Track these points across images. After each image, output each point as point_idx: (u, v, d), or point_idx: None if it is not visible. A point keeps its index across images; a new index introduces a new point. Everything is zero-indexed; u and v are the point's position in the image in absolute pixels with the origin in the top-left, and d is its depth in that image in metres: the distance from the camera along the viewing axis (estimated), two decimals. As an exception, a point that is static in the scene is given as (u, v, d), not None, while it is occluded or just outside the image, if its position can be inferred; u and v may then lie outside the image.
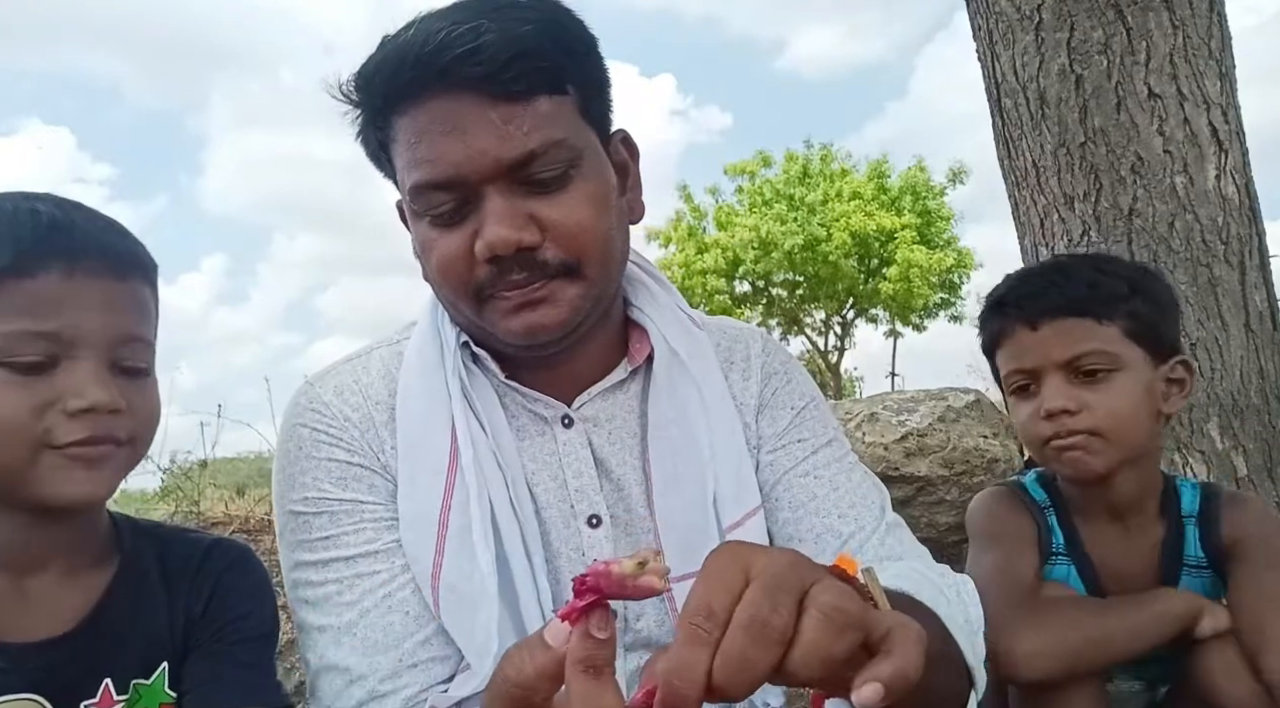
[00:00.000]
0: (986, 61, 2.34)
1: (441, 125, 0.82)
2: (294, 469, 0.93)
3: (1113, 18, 2.08)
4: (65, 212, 0.82)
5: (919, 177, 22.29)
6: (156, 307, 0.89)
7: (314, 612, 0.90)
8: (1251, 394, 2.03)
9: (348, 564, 0.90)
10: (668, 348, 0.97)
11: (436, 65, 0.80)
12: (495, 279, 0.85)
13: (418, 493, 0.91)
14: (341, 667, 0.87)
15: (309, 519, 0.92)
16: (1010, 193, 2.38)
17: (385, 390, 0.96)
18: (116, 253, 0.83)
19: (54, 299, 0.78)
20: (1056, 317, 1.16)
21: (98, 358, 0.80)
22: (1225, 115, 2.09)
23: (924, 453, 4.17)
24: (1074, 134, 2.14)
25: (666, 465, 0.96)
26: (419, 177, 0.84)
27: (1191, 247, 2.05)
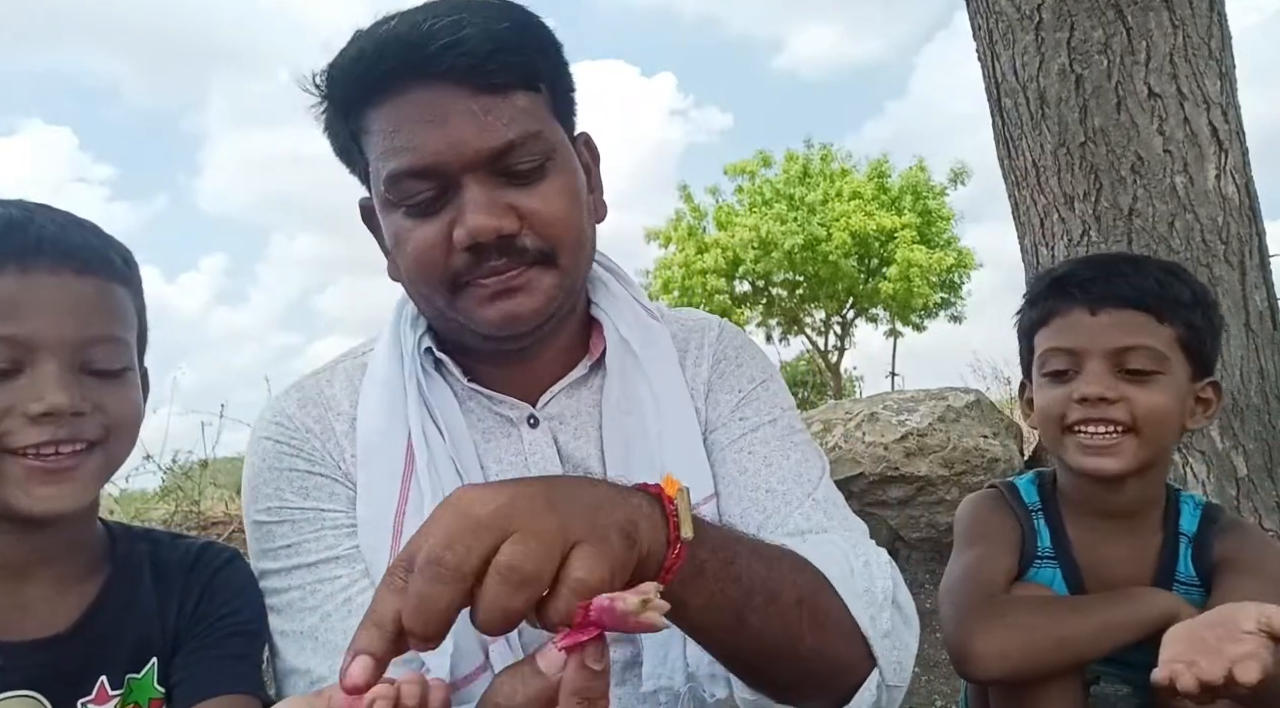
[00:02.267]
0: (986, 61, 2.34)
1: (422, 114, 0.83)
2: (258, 481, 0.95)
3: (1113, 17, 2.08)
4: (26, 212, 0.80)
5: (919, 176, 22.29)
6: (136, 303, 0.87)
7: (278, 618, 0.91)
8: (1251, 394, 2.03)
9: (310, 570, 0.91)
10: (619, 338, 0.99)
11: (419, 56, 0.81)
12: (472, 267, 0.85)
13: (374, 498, 0.92)
14: (303, 670, 0.88)
15: (271, 528, 0.93)
16: (1010, 193, 2.38)
17: (347, 402, 0.98)
18: (77, 249, 0.80)
19: (9, 301, 0.76)
20: (1119, 306, 1.14)
21: (61, 360, 0.78)
22: (1225, 115, 2.09)
23: (924, 453, 4.18)
24: (1074, 134, 2.14)
25: (618, 454, 0.96)
26: (397, 165, 0.84)
27: (1191, 246, 2.05)
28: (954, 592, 1.13)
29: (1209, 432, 2.03)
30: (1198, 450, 2.04)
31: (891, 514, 4.23)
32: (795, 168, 22.45)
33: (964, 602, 1.10)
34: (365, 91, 0.85)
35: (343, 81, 0.87)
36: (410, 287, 0.92)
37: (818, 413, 4.87)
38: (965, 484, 4.09)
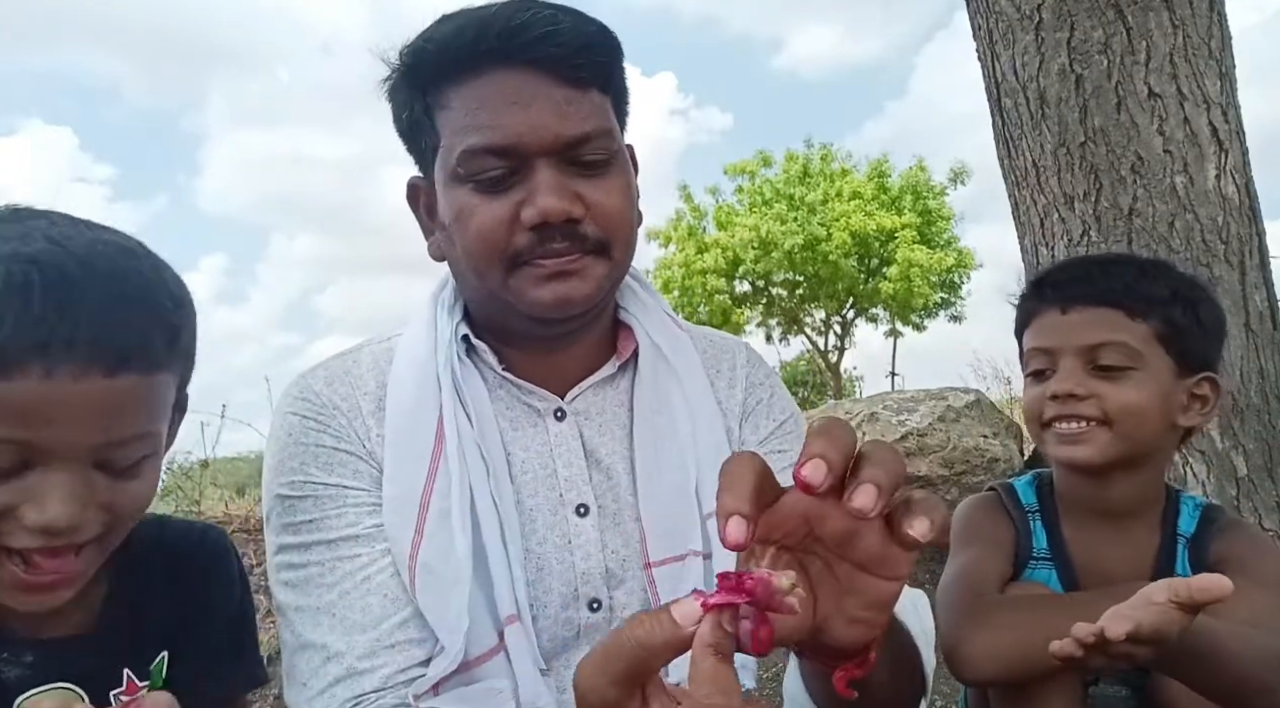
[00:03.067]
0: (986, 61, 2.34)
1: (508, 96, 0.88)
2: (283, 455, 0.94)
3: (1113, 18, 2.08)
4: (66, 284, 0.68)
5: (919, 176, 22.29)
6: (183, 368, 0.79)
7: (294, 593, 0.92)
8: (1251, 394, 2.03)
9: (329, 547, 0.91)
10: (651, 343, 1.04)
11: (516, 41, 0.87)
12: (534, 246, 0.89)
13: (401, 477, 0.93)
14: (318, 644, 0.88)
15: (294, 503, 0.93)
16: (1010, 193, 2.38)
17: (374, 382, 0.98)
18: (113, 342, 0.70)
19: (29, 406, 0.67)
20: (1089, 304, 1.16)
21: (72, 467, 0.70)
22: (1225, 115, 2.09)
23: (924, 453, 4.17)
24: (1074, 134, 2.14)
25: (649, 452, 1.00)
26: (477, 140, 0.88)
27: (1191, 246, 2.05)
28: (947, 595, 1.14)
29: (1209, 432, 2.03)
30: (1198, 450, 2.04)
31: (891, 514, 4.23)
32: (795, 168, 22.44)
33: (956, 605, 1.11)
34: (455, 68, 0.89)
35: (433, 56, 0.90)
36: (465, 261, 0.93)
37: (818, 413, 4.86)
38: (965, 484, 4.09)
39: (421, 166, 0.97)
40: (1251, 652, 0.96)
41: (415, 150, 0.97)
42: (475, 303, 0.99)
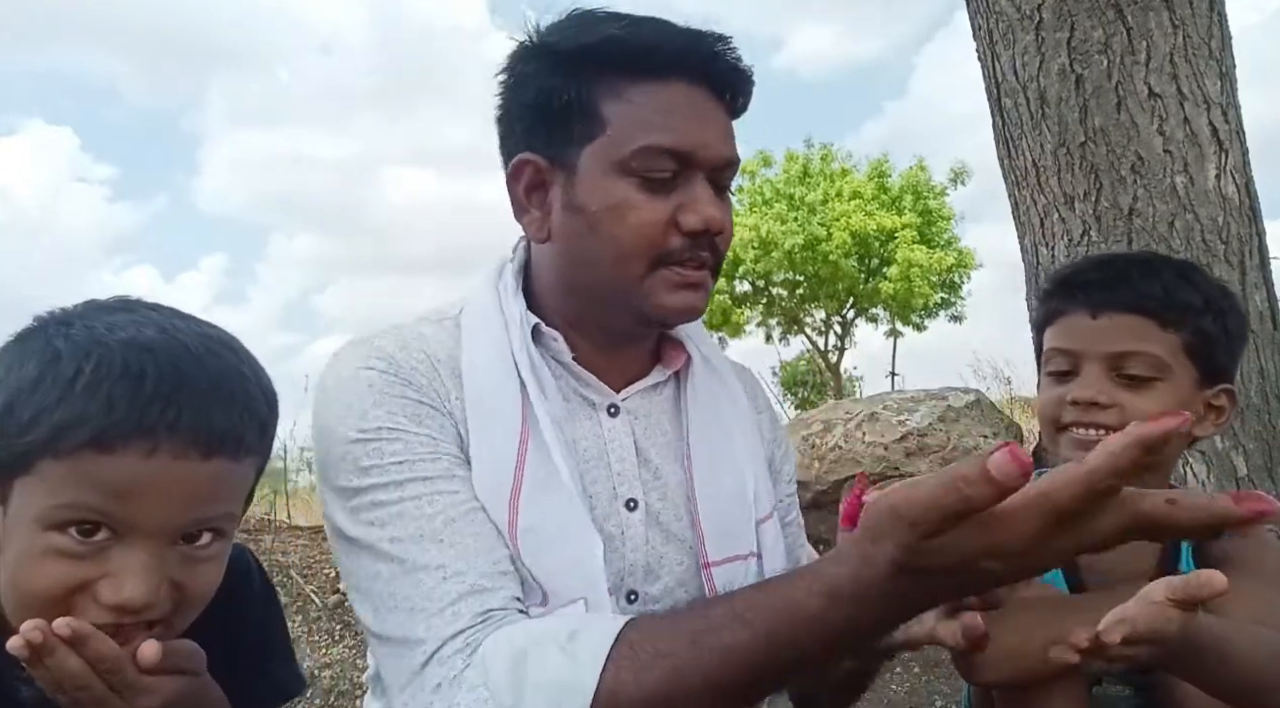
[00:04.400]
0: (986, 61, 2.34)
1: (692, 108, 0.95)
2: (364, 404, 0.93)
3: (1113, 17, 2.08)
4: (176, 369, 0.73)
5: (919, 176, 22.28)
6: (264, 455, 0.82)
7: (386, 528, 0.89)
8: (1251, 394, 2.03)
9: (426, 483, 0.90)
10: (702, 356, 1.10)
11: (712, 65, 0.96)
12: (683, 251, 0.94)
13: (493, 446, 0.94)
14: (434, 566, 0.86)
15: (381, 445, 0.91)
16: (1010, 193, 2.38)
17: (443, 353, 0.99)
18: (213, 428, 0.74)
19: (126, 481, 0.70)
20: (1120, 310, 1.13)
21: (153, 545, 0.73)
22: (1225, 115, 2.09)
23: (924, 453, 4.17)
24: (1074, 134, 2.14)
25: (705, 458, 1.04)
26: (660, 139, 0.92)
27: (1191, 246, 2.05)
28: None
29: (1209, 432, 2.03)
30: (1198, 450, 2.04)
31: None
32: (795, 168, 22.44)
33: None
34: (645, 69, 0.94)
35: (624, 52, 0.94)
36: (605, 249, 0.95)
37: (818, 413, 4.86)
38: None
39: (548, 147, 0.98)
40: (1260, 649, 0.96)
41: (551, 130, 0.97)
42: (571, 290, 1.01)
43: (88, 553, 0.71)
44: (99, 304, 0.80)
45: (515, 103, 1.00)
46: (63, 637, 0.67)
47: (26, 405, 0.71)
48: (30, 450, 0.71)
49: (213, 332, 0.81)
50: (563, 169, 0.97)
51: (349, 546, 0.91)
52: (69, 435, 0.70)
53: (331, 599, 3.54)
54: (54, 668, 0.69)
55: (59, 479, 0.71)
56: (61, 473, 0.70)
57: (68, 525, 0.71)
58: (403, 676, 0.84)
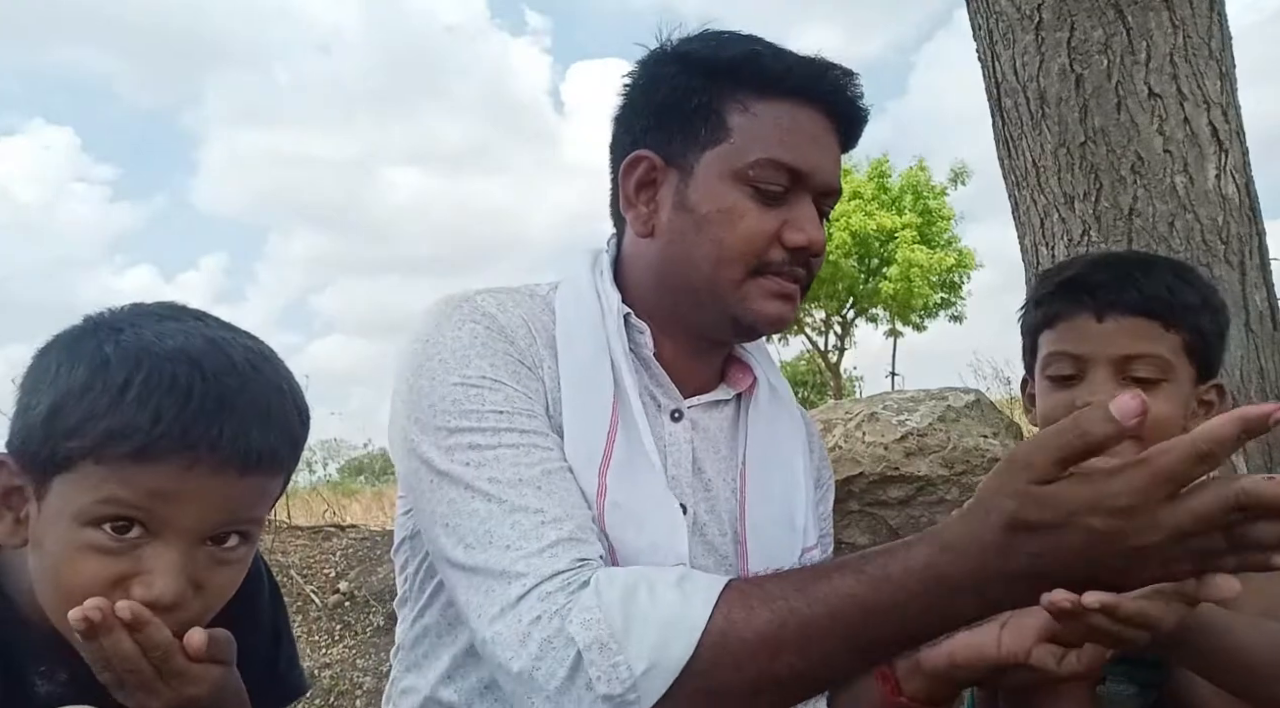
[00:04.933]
0: (986, 61, 2.34)
1: (814, 131, 1.00)
2: (468, 353, 0.94)
3: (1113, 17, 2.08)
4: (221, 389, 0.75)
5: (919, 176, 22.27)
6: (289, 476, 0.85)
7: (485, 468, 0.89)
8: (1251, 394, 2.03)
9: (523, 435, 0.91)
10: (768, 383, 1.13)
11: (836, 96, 1.02)
12: (782, 264, 1.00)
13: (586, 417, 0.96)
14: (534, 509, 0.86)
15: (482, 392, 0.92)
16: (1010, 193, 2.38)
17: (539, 322, 1.01)
18: (252, 448, 0.76)
19: (164, 488, 0.73)
20: (1126, 313, 1.12)
21: (184, 546, 0.75)
22: (1225, 115, 2.09)
23: (924, 453, 4.17)
24: (1074, 134, 2.14)
25: (759, 479, 1.07)
26: (779, 154, 0.98)
27: (1191, 247, 2.05)
28: None
29: (1209, 432, 2.02)
30: (1198, 451, 2.04)
31: (891, 514, 4.22)
32: (795, 167, 22.39)
33: None
34: (778, 87, 0.99)
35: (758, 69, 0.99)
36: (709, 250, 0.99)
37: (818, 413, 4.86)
38: (965, 484, 4.08)
39: (668, 147, 1.02)
40: (1265, 641, 0.96)
41: (675, 131, 1.02)
42: (666, 287, 1.04)
43: (122, 550, 0.73)
44: (147, 309, 0.82)
45: (642, 102, 1.05)
46: (122, 619, 0.69)
47: (75, 411, 0.73)
48: (74, 453, 0.73)
49: (255, 345, 0.83)
50: (678, 169, 1.01)
51: (440, 479, 0.90)
52: (115, 445, 0.72)
53: (331, 599, 3.54)
54: (108, 647, 0.71)
55: (100, 480, 0.73)
56: (103, 475, 0.72)
57: (104, 522, 0.73)
58: (494, 607, 0.83)
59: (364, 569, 3.64)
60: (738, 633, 0.75)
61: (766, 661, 0.74)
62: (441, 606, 1.00)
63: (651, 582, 0.80)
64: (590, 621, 0.78)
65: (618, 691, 0.76)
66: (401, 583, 1.08)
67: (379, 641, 3.25)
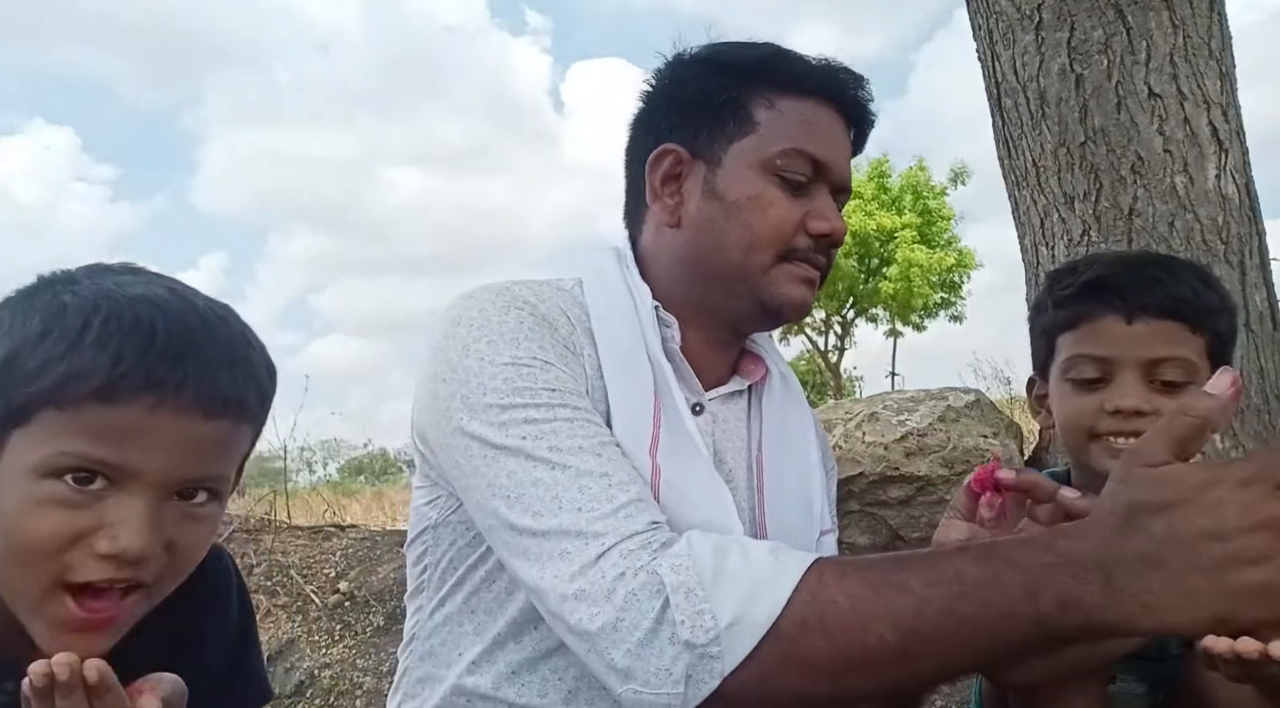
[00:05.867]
0: (987, 61, 2.34)
1: (831, 128, 1.06)
2: (516, 335, 0.94)
3: (1113, 17, 2.08)
4: (186, 334, 0.73)
5: (919, 176, 22.27)
6: (258, 428, 0.82)
7: (544, 439, 0.88)
8: (1251, 394, 2.03)
9: (575, 412, 0.91)
10: (779, 373, 1.17)
11: (850, 94, 1.07)
12: (807, 250, 1.04)
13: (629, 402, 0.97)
14: (600, 473, 0.86)
15: (534, 371, 0.92)
16: (1010, 193, 2.38)
17: (572, 312, 1.02)
18: (218, 391, 0.74)
19: (128, 432, 0.70)
20: (1156, 316, 1.11)
21: (152, 494, 0.72)
22: (1225, 115, 2.09)
23: (924, 453, 4.17)
24: (1074, 134, 2.14)
25: (776, 469, 1.10)
26: (805, 145, 1.03)
27: (1191, 246, 2.05)
28: None
29: (1209, 432, 2.03)
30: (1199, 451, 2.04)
31: (891, 514, 4.22)
32: (795, 168, 22.38)
33: None
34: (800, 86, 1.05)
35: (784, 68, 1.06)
36: (738, 236, 1.03)
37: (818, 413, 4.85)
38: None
39: (696, 140, 1.06)
40: None
41: (702, 125, 1.06)
42: (695, 277, 1.07)
43: (84, 502, 0.70)
44: (104, 266, 0.79)
45: (666, 102, 1.10)
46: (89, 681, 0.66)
47: (32, 357, 0.70)
48: (32, 401, 0.70)
49: (215, 301, 0.81)
50: (705, 161, 1.05)
51: (498, 453, 0.89)
52: (74, 386, 0.69)
53: (331, 599, 3.54)
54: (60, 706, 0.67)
55: (59, 428, 0.70)
56: (62, 422, 0.70)
57: (65, 473, 0.70)
58: (573, 565, 0.81)
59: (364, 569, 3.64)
60: (829, 595, 0.73)
61: (858, 630, 0.71)
62: (466, 595, 0.99)
63: (745, 545, 0.79)
64: (680, 566, 0.77)
65: (701, 639, 0.74)
66: (418, 574, 1.06)
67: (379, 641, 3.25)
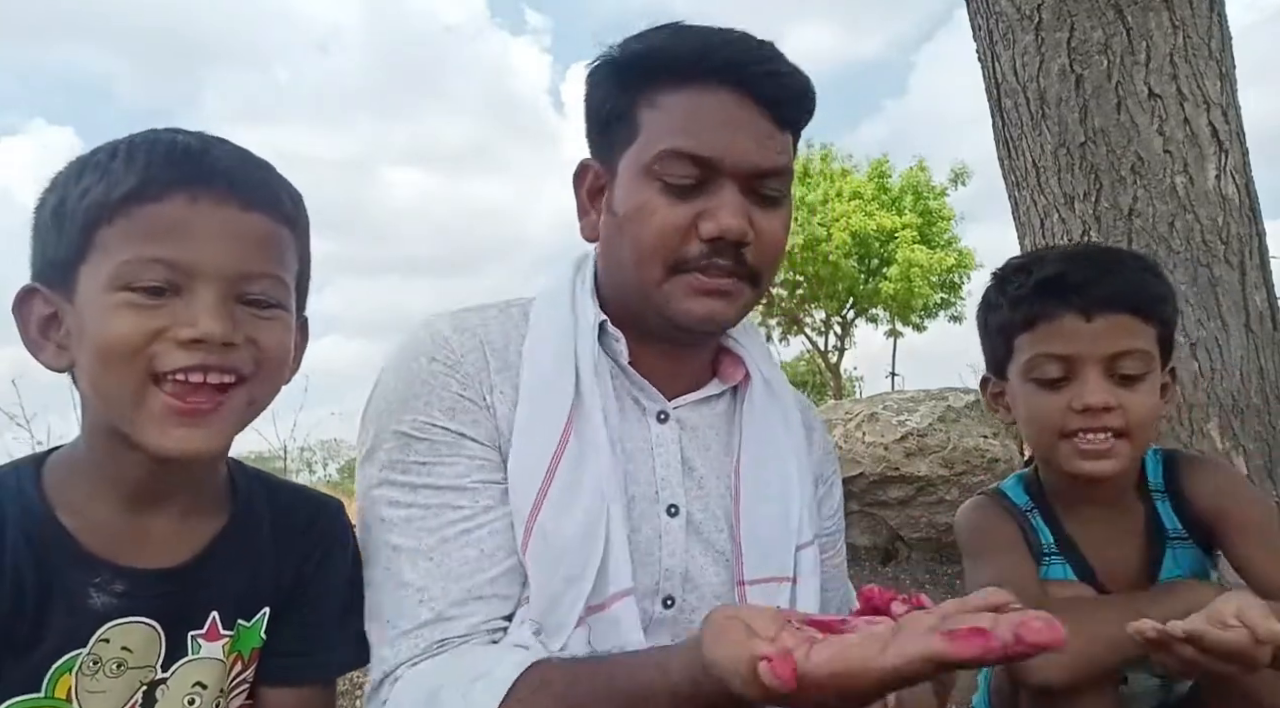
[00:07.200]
0: (987, 61, 2.34)
1: (720, 116, 0.94)
2: (408, 393, 0.97)
3: (1113, 18, 2.08)
4: (204, 142, 0.81)
5: (920, 176, 22.28)
6: (300, 248, 0.88)
7: (394, 531, 0.94)
8: (1251, 394, 2.03)
9: (436, 493, 0.94)
10: (761, 376, 1.10)
11: (745, 69, 0.95)
12: (700, 258, 0.94)
13: (534, 440, 0.96)
14: (416, 585, 0.92)
15: (411, 443, 0.96)
16: (1010, 193, 2.38)
17: (501, 342, 1.02)
18: (247, 183, 0.81)
19: (175, 225, 0.76)
20: (1112, 310, 1.11)
21: (218, 289, 0.78)
22: (1225, 115, 2.09)
23: (924, 453, 4.17)
24: (1074, 134, 2.14)
25: (753, 477, 1.06)
26: (681, 144, 0.93)
27: (1191, 247, 2.05)
28: None
29: (1209, 432, 2.03)
30: (1198, 450, 2.04)
31: (891, 514, 4.22)
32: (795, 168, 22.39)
33: None
34: (676, 77, 0.95)
35: (658, 61, 0.96)
36: (630, 252, 0.97)
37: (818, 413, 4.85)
38: (965, 484, 4.09)
39: (601, 152, 1.02)
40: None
41: (601, 137, 1.02)
42: (618, 292, 1.03)
43: (157, 305, 0.76)
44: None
45: (585, 111, 1.05)
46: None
47: (74, 192, 0.78)
48: (85, 229, 0.77)
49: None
50: (610, 174, 1.01)
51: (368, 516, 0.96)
52: (114, 194, 0.76)
53: (331, 599, 3.54)
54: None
55: (115, 242, 0.76)
56: (115, 236, 0.76)
57: (132, 284, 0.76)
58: (372, 681, 0.92)
59: (364, 569, 3.63)
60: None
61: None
62: None
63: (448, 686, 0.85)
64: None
65: None
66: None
67: (379, 641, 3.24)
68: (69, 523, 0.80)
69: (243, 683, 0.91)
